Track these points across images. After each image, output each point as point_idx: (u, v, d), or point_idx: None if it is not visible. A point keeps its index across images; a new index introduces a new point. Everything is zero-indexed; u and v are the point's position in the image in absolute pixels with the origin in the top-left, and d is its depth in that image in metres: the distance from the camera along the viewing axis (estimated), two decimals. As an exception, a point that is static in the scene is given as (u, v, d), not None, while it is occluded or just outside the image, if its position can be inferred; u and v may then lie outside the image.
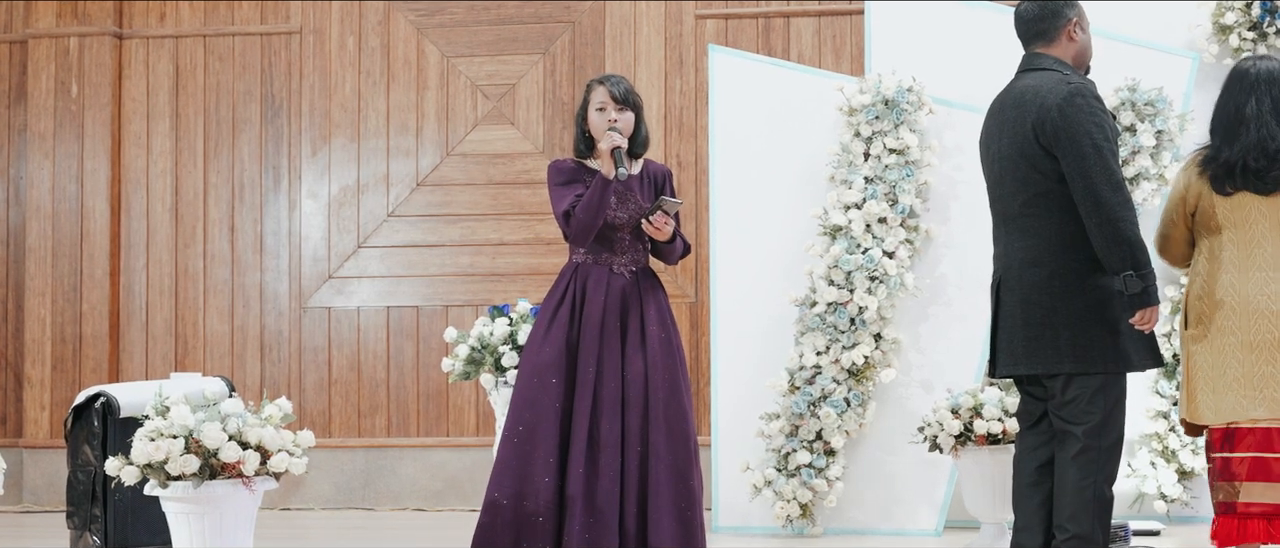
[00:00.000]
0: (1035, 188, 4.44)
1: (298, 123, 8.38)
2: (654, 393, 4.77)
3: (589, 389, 4.75)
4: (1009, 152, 4.50)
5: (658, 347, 4.82)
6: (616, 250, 4.90)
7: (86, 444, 5.94)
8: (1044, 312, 4.44)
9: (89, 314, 8.34)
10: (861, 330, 6.50)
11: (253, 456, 4.58)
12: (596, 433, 4.73)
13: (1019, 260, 4.50)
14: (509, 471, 4.71)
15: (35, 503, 8.32)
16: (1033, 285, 4.46)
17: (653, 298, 4.90)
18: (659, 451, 4.73)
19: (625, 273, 4.89)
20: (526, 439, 4.71)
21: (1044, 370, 4.46)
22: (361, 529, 7.33)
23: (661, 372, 4.80)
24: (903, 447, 6.51)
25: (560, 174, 4.92)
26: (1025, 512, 4.54)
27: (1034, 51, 4.61)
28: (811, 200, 6.75)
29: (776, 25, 8.12)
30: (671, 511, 4.71)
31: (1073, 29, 4.60)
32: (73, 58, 8.44)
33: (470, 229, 8.24)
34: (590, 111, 4.90)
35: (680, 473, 4.74)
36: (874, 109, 6.62)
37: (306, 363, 8.32)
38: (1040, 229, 4.45)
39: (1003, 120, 4.55)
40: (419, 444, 8.18)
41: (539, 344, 4.81)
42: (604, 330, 4.80)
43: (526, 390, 4.77)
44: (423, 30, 8.35)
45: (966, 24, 6.89)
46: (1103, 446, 4.42)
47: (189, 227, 8.43)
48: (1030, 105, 4.45)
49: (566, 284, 4.87)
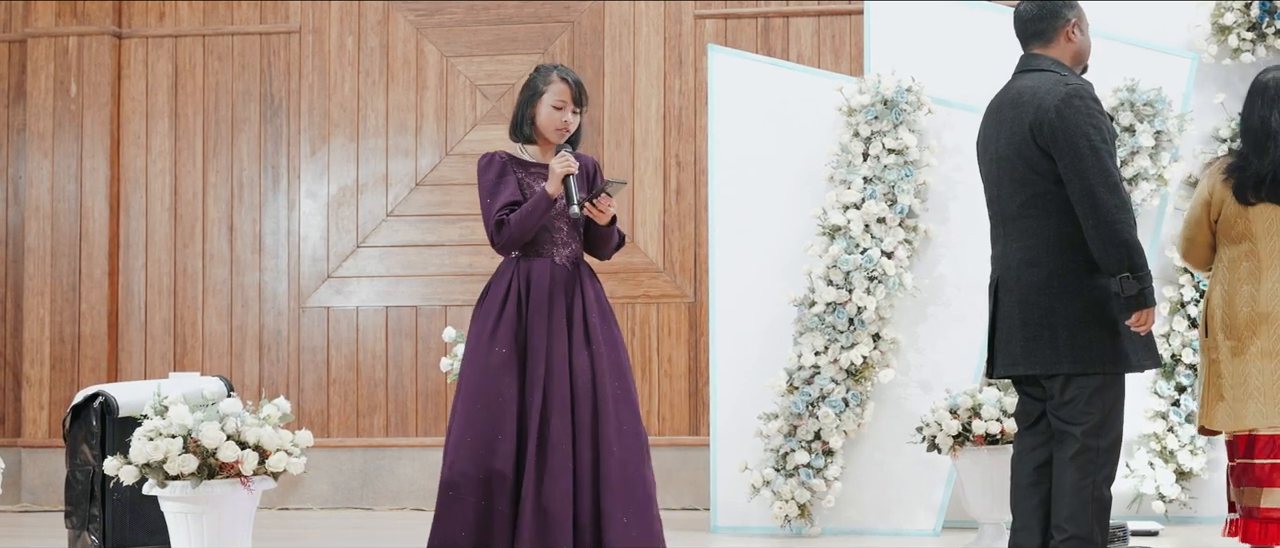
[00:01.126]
0: (1033, 189, 4.44)
1: (297, 122, 8.38)
2: (602, 388, 4.65)
3: (539, 387, 4.61)
4: (1007, 152, 4.49)
5: (602, 340, 4.71)
6: (557, 242, 4.74)
7: (85, 444, 5.94)
8: (1042, 312, 4.43)
9: (88, 314, 8.34)
10: (860, 331, 6.50)
11: (251, 455, 4.58)
12: (546, 431, 4.59)
13: (1017, 261, 4.50)
14: (469, 480, 4.55)
15: (33, 503, 8.32)
16: (1031, 286, 4.46)
17: (592, 289, 4.77)
18: (611, 446, 4.61)
19: (567, 264, 4.74)
20: (486, 442, 4.56)
21: (1042, 371, 4.45)
22: (360, 529, 7.33)
23: (608, 365, 4.69)
24: (901, 447, 6.51)
25: (491, 170, 4.72)
26: (1023, 512, 4.53)
27: (1032, 52, 4.61)
28: (810, 200, 6.75)
29: (776, 25, 8.12)
30: (627, 506, 4.60)
31: (1071, 30, 4.59)
32: (72, 57, 8.44)
33: (469, 229, 8.24)
34: (544, 103, 4.71)
35: (634, 467, 4.64)
36: (873, 109, 6.62)
37: (305, 363, 8.32)
38: (1038, 230, 4.45)
39: (1000, 121, 4.55)
40: (417, 444, 8.18)
41: (488, 343, 4.64)
42: (551, 326, 4.66)
43: (481, 393, 4.61)
44: (422, 30, 8.35)
45: (966, 24, 6.89)
46: (1101, 446, 4.42)
47: (188, 226, 8.43)
48: (1027, 106, 4.44)
49: (509, 279, 4.70)
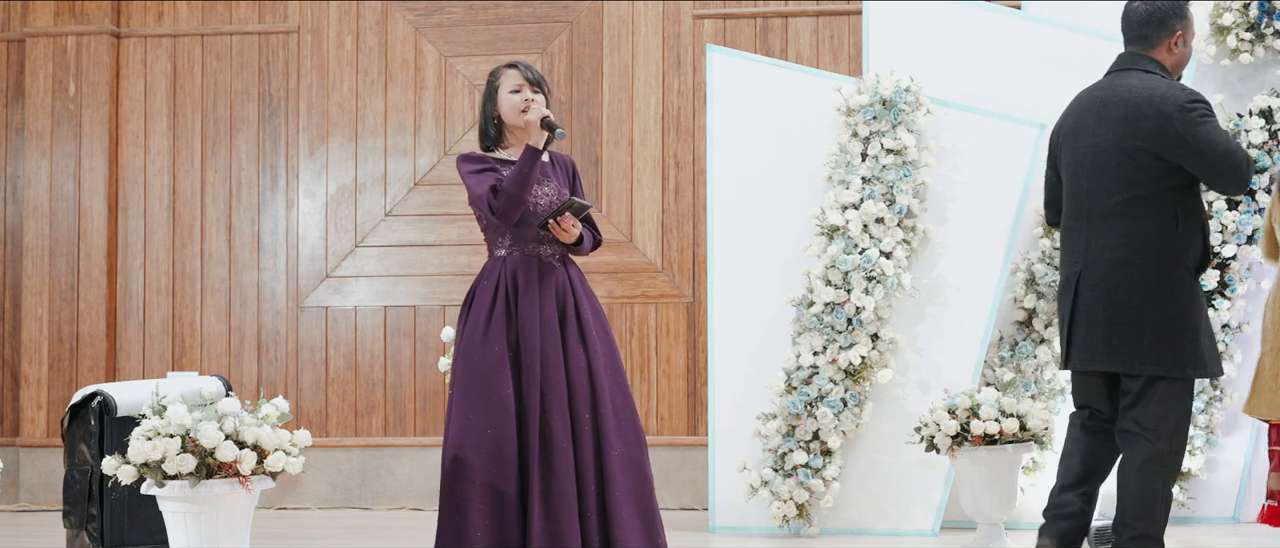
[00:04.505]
0: (1136, 190, 4.56)
1: (295, 122, 8.38)
2: (599, 384, 4.64)
3: (536, 385, 4.59)
4: (1111, 148, 4.60)
5: (596, 336, 4.70)
6: (543, 238, 4.72)
7: (83, 443, 5.94)
8: (1132, 312, 4.54)
9: (86, 313, 8.34)
10: (858, 331, 6.50)
11: (249, 455, 4.57)
12: (548, 430, 4.57)
13: (1106, 259, 4.59)
14: (473, 479, 4.52)
15: (32, 502, 8.32)
16: (1121, 284, 4.57)
17: (582, 285, 4.76)
18: (612, 442, 4.61)
19: (554, 262, 4.73)
20: (487, 441, 4.54)
21: (1126, 369, 4.57)
22: (358, 529, 7.33)
23: (604, 361, 4.68)
24: (899, 447, 6.51)
25: (473, 162, 4.72)
26: (1073, 473, 4.81)
27: (1134, 52, 4.75)
28: (809, 200, 6.76)
29: (774, 25, 8.12)
30: (631, 503, 4.60)
31: (1175, 42, 4.75)
32: (70, 57, 8.43)
33: (468, 228, 8.24)
34: (502, 94, 4.73)
35: (635, 463, 4.65)
36: (872, 109, 6.62)
37: (303, 362, 8.32)
38: (1133, 230, 4.56)
39: (1103, 116, 4.64)
40: (416, 444, 8.18)
41: (479, 345, 4.62)
42: (543, 323, 4.64)
43: (479, 392, 4.58)
44: (421, 30, 8.35)
45: (965, 24, 6.89)
46: (1172, 448, 4.59)
47: (186, 226, 8.43)
48: (1145, 109, 4.57)
49: (498, 278, 4.68)
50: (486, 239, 4.81)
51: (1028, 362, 6.63)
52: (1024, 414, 5.94)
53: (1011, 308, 6.74)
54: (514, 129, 4.77)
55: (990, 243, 6.57)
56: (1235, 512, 6.66)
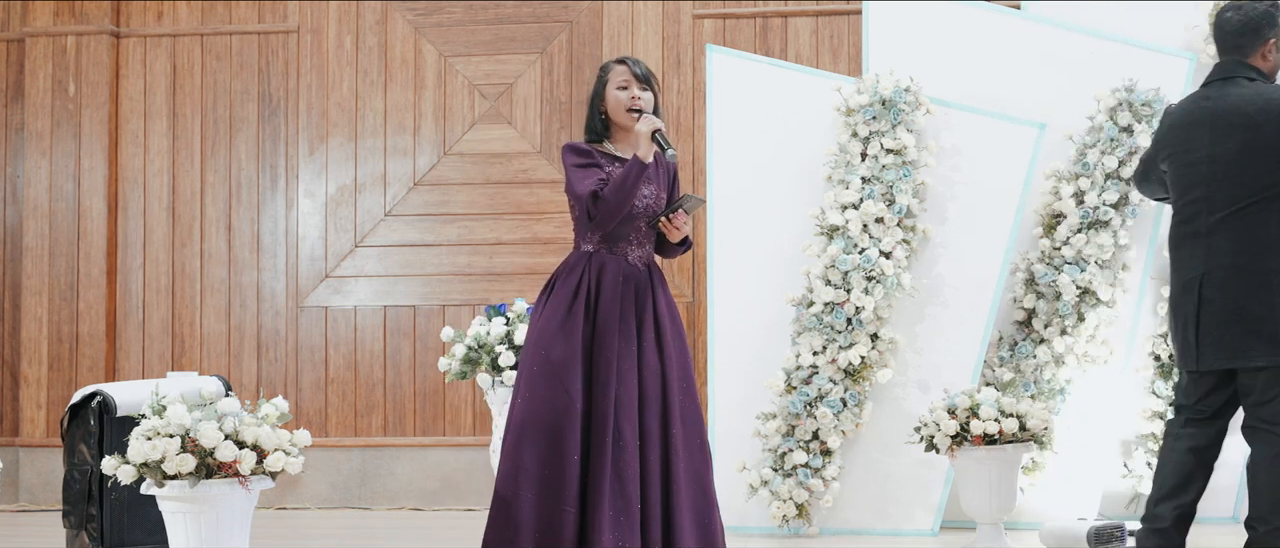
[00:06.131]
0: (1259, 194, 4.76)
1: (295, 122, 8.38)
2: (671, 392, 4.61)
3: (609, 389, 4.53)
4: (1236, 157, 4.80)
5: (671, 343, 4.66)
6: (633, 241, 4.69)
7: (83, 443, 5.94)
8: (1262, 309, 4.73)
9: (86, 313, 8.34)
10: (858, 330, 6.49)
11: (249, 455, 4.57)
12: (619, 436, 4.52)
13: (1229, 262, 4.78)
14: (530, 478, 4.47)
15: (31, 502, 8.32)
16: (1249, 286, 4.75)
17: (663, 292, 4.72)
18: (678, 451, 4.58)
19: (639, 264, 4.69)
20: (549, 442, 4.49)
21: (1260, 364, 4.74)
22: (358, 529, 7.33)
23: (677, 369, 4.64)
24: (899, 447, 6.51)
25: (578, 155, 4.67)
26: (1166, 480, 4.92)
27: (1233, 61, 4.94)
28: (809, 200, 6.75)
29: (774, 25, 8.12)
30: (691, 513, 4.60)
31: (1270, 48, 4.95)
32: (70, 57, 8.43)
33: (467, 229, 8.24)
34: (609, 90, 4.70)
35: (698, 475, 4.64)
36: (871, 109, 6.62)
37: (303, 362, 8.31)
38: (1256, 233, 4.76)
39: (1218, 126, 4.83)
40: (415, 444, 8.18)
41: (554, 337, 4.56)
42: (621, 326, 4.59)
43: (544, 389, 4.53)
44: (420, 30, 8.35)
45: (964, 24, 6.89)
46: None
47: (186, 226, 8.43)
48: (1261, 117, 4.77)
49: (581, 274, 4.63)
50: (576, 230, 4.74)
51: (1027, 362, 6.63)
52: (1024, 414, 5.94)
53: (1011, 308, 6.74)
54: (620, 126, 4.74)
55: (990, 243, 6.57)
56: (1235, 512, 6.66)
